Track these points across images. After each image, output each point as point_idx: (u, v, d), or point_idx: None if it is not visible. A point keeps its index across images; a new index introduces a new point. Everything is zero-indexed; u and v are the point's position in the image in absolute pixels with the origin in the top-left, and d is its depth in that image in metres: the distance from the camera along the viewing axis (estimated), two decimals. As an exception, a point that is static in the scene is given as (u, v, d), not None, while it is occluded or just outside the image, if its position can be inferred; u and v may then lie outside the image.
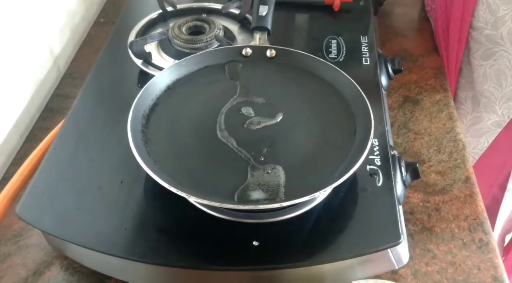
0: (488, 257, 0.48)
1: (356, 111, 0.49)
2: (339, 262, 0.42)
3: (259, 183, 0.43)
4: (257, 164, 0.45)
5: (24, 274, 0.48)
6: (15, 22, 0.62)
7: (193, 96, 0.52)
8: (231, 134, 0.48)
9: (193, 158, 0.46)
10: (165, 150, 0.46)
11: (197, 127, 0.49)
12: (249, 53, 0.56)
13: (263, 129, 0.49)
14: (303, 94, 0.51)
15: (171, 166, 0.45)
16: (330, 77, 0.52)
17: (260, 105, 0.51)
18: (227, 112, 0.50)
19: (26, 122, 0.64)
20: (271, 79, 0.54)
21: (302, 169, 0.45)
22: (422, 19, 0.81)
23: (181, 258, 0.42)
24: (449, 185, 0.55)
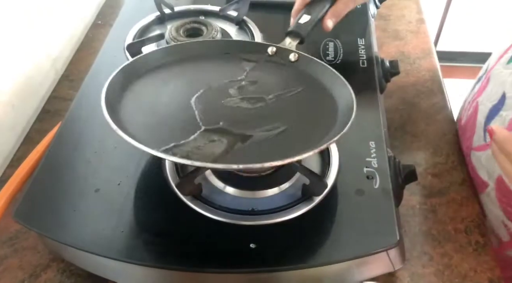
0: (484, 259, 0.48)
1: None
2: (336, 264, 0.42)
3: (197, 147, 0.41)
4: (206, 130, 0.43)
5: (20, 277, 0.48)
6: (12, 24, 0.62)
7: (195, 71, 0.52)
8: (202, 102, 0.47)
9: (156, 115, 0.45)
10: (137, 105, 0.46)
11: (177, 92, 0.49)
12: (273, 52, 0.55)
13: (236, 108, 0.47)
14: (300, 102, 0.50)
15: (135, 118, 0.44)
16: (338, 92, 0.50)
17: (250, 92, 0.50)
18: (214, 87, 0.50)
19: (23, 124, 0.64)
20: (279, 80, 0.53)
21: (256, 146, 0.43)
22: (419, 22, 0.82)
23: (178, 260, 0.42)
24: (445, 187, 0.55)
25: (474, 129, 0.55)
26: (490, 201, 0.53)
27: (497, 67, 0.53)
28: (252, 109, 0.47)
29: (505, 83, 0.49)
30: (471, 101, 0.58)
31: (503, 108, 0.49)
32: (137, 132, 0.41)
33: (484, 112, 0.53)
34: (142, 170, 0.48)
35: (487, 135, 0.51)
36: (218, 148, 0.41)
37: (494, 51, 0.58)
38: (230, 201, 0.46)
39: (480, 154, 0.53)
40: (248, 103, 0.48)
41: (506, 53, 0.52)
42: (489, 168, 0.52)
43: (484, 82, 0.56)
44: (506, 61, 0.51)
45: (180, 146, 0.41)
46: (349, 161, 0.48)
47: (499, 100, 0.50)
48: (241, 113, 0.47)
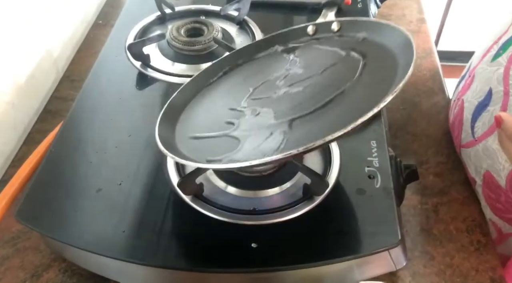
0: (486, 259, 0.48)
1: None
2: (337, 264, 0.42)
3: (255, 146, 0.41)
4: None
5: (22, 277, 0.48)
6: (13, 25, 0.62)
7: (238, 82, 0.52)
8: (251, 104, 0.47)
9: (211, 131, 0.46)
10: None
11: (226, 104, 0.49)
12: (314, 31, 0.53)
13: (286, 96, 0.46)
14: (351, 67, 0.46)
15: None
16: (389, 40, 0.46)
17: (298, 76, 0.48)
18: (260, 87, 0.49)
19: (24, 124, 0.64)
20: (325, 54, 0.50)
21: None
22: (420, 22, 0.82)
23: (180, 260, 0.42)
24: (447, 186, 0.55)
25: (462, 126, 0.55)
26: (478, 198, 0.53)
27: (481, 66, 0.53)
28: (302, 91, 0.46)
29: (491, 80, 0.50)
30: (456, 100, 0.59)
31: (490, 104, 0.49)
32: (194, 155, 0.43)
33: (470, 109, 0.53)
34: (143, 170, 0.48)
35: (475, 131, 0.52)
36: (274, 143, 0.41)
37: (477, 50, 0.59)
38: (231, 201, 0.46)
39: (469, 151, 0.53)
40: (298, 87, 0.46)
41: (489, 52, 0.52)
42: (476, 164, 0.52)
43: (468, 81, 0.56)
44: (490, 59, 0.51)
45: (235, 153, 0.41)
46: (350, 160, 0.48)
47: (485, 96, 0.50)
48: (293, 99, 0.45)
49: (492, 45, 0.52)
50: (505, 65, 0.48)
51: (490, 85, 0.50)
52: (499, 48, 0.50)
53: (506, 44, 0.49)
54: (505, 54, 0.48)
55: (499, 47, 0.51)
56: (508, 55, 0.48)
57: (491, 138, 0.49)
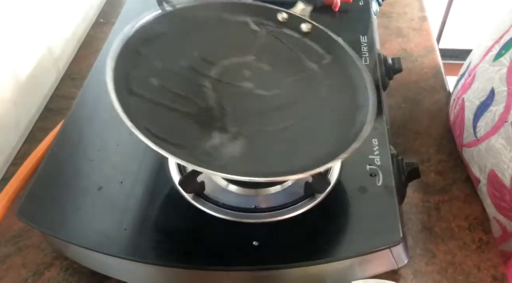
0: (488, 257, 0.48)
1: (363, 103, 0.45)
2: (339, 262, 0.42)
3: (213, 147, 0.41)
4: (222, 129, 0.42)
5: (24, 275, 0.48)
6: (13, 23, 0.62)
7: (202, 42, 0.49)
8: (217, 89, 0.45)
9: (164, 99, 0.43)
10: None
11: (187, 71, 0.46)
12: (285, 19, 0.52)
13: (252, 96, 0.46)
14: (316, 90, 0.48)
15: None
16: (351, 71, 0.49)
17: (265, 75, 0.48)
18: (227, 67, 0.47)
19: (25, 122, 0.64)
20: (292, 58, 0.50)
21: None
22: (421, 19, 0.81)
23: (181, 258, 0.42)
24: (449, 184, 0.55)
25: (463, 126, 0.55)
26: (482, 197, 0.53)
27: (482, 65, 0.53)
28: (268, 96, 0.46)
29: (493, 80, 0.50)
30: (456, 99, 0.59)
31: (493, 103, 0.49)
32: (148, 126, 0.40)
33: (472, 109, 0.53)
34: (145, 168, 0.48)
35: (477, 131, 0.52)
36: (234, 149, 0.41)
37: (475, 48, 0.59)
38: (233, 199, 0.46)
39: (471, 150, 0.53)
40: (264, 91, 0.46)
41: (490, 51, 0.52)
42: (480, 163, 0.52)
43: (469, 80, 0.56)
44: (492, 59, 0.51)
45: (196, 148, 0.40)
46: (351, 158, 0.48)
47: (487, 96, 0.50)
48: (257, 103, 0.45)
49: (493, 45, 0.52)
50: (508, 65, 0.48)
51: (493, 85, 0.49)
52: (501, 48, 0.50)
53: (508, 44, 0.49)
54: (508, 54, 0.48)
55: (500, 47, 0.50)
56: (510, 56, 0.47)
57: (494, 137, 0.49)
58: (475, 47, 0.59)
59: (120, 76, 0.42)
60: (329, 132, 0.44)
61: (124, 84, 0.42)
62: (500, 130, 0.48)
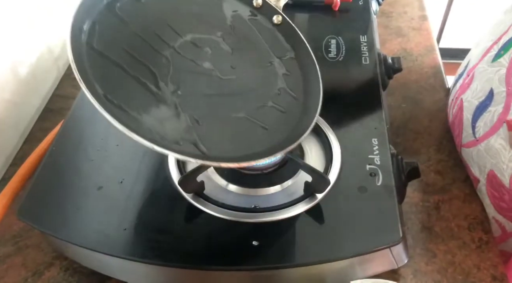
0: (487, 256, 0.48)
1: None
2: (338, 262, 0.42)
3: (160, 120, 0.39)
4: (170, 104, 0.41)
5: (24, 275, 0.48)
6: (13, 23, 0.62)
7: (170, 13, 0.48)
8: (174, 62, 0.44)
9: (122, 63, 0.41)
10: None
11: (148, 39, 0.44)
12: (259, 6, 0.52)
13: (206, 78, 0.45)
14: (271, 80, 0.48)
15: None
16: (309, 73, 0.50)
17: (224, 57, 0.47)
18: (190, 40, 0.47)
19: (25, 123, 0.65)
20: (256, 47, 0.50)
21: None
22: (421, 19, 0.81)
23: (181, 258, 0.42)
24: (448, 184, 0.55)
25: (462, 126, 0.55)
26: (481, 197, 0.53)
27: (481, 66, 0.53)
28: (223, 80, 0.45)
29: (492, 80, 0.50)
30: (454, 99, 0.59)
31: (492, 104, 0.49)
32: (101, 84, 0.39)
33: (471, 109, 0.53)
34: (145, 168, 0.48)
35: (476, 131, 0.52)
36: (179, 125, 0.40)
37: (474, 48, 0.59)
38: (233, 199, 0.46)
39: (470, 150, 0.53)
40: (220, 73, 0.46)
41: (489, 52, 0.52)
42: (480, 163, 0.52)
43: (467, 80, 0.56)
44: (491, 59, 0.51)
45: (139, 117, 0.39)
46: (351, 158, 0.48)
47: (486, 96, 0.50)
48: (211, 85, 0.45)
49: (492, 46, 0.52)
50: (507, 66, 0.48)
51: (492, 86, 0.49)
52: (500, 48, 0.50)
53: (507, 44, 0.49)
54: (507, 55, 0.48)
55: (499, 47, 0.50)
56: (510, 56, 0.47)
57: (493, 138, 0.49)
58: (473, 47, 0.59)
59: (81, 27, 0.41)
60: (276, 127, 0.44)
61: (85, 37, 0.41)
62: (499, 130, 0.48)
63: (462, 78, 0.58)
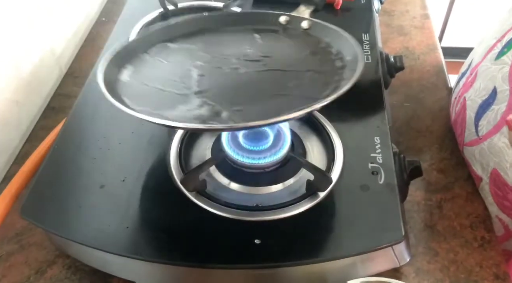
0: (490, 255, 0.48)
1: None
2: (340, 260, 0.42)
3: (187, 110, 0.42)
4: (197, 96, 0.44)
5: (26, 273, 0.48)
6: (15, 22, 0.62)
7: (202, 46, 0.51)
8: (202, 70, 0.47)
9: (154, 85, 0.46)
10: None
11: (178, 64, 0.49)
12: (286, 22, 0.54)
13: (233, 72, 0.47)
14: (303, 63, 0.49)
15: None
16: (348, 52, 0.49)
17: (252, 56, 0.49)
18: (218, 57, 0.49)
19: (28, 121, 0.65)
20: (286, 46, 0.51)
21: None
22: (423, 17, 0.81)
23: (183, 256, 0.42)
24: (451, 182, 0.55)
25: (464, 125, 0.55)
26: (484, 196, 0.53)
27: (484, 64, 0.53)
28: (249, 74, 0.46)
29: (495, 79, 0.49)
30: (457, 97, 0.58)
31: (495, 102, 0.49)
32: (132, 101, 0.42)
33: (474, 107, 0.53)
34: (147, 166, 0.49)
35: (479, 130, 0.51)
36: (206, 112, 0.41)
37: (477, 47, 0.59)
38: (235, 197, 0.46)
39: (473, 149, 0.53)
40: (246, 67, 0.47)
41: (492, 50, 0.52)
42: (483, 162, 0.52)
43: (470, 78, 0.56)
44: (494, 57, 0.51)
45: (167, 111, 0.41)
46: (353, 156, 0.48)
47: (489, 95, 0.50)
48: (235, 82, 0.46)
49: (496, 43, 0.52)
50: (510, 64, 0.47)
51: (495, 84, 0.49)
52: (503, 46, 0.50)
53: (511, 42, 0.49)
54: (510, 52, 0.48)
55: (503, 45, 0.50)
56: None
57: (496, 136, 0.49)
58: (477, 45, 0.59)
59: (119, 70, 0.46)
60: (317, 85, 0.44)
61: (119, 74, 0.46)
62: (502, 129, 0.47)
63: (465, 76, 0.58)
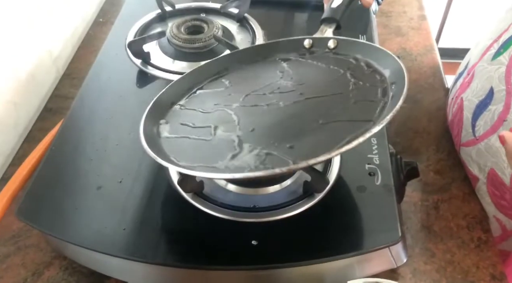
0: (486, 256, 0.48)
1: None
2: (337, 261, 0.42)
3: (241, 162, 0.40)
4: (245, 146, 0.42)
5: (23, 275, 0.48)
6: (13, 23, 0.62)
7: (232, 85, 0.51)
8: (240, 114, 0.46)
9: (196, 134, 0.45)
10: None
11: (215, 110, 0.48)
12: (310, 45, 0.53)
13: (273, 111, 0.45)
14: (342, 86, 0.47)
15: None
16: (385, 65, 0.48)
17: (288, 89, 0.48)
18: (252, 95, 0.49)
19: (25, 122, 0.64)
20: (318, 69, 0.50)
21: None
22: (421, 18, 0.81)
23: (180, 257, 0.42)
24: (447, 183, 0.55)
25: (461, 125, 0.55)
26: (481, 196, 0.53)
27: (481, 64, 0.53)
28: (290, 107, 0.45)
29: (492, 79, 0.50)
30: (454, 98, 0.59)
31: (492, 103, 0.49)
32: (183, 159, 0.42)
33: (470, 108, 0.53)
34: (144, 168, 0.49)
35: (476, 130, 0.52)
36: (252, 159, 0.40)
37: (474, 47, 0.59)
38: (232, 198, 0.46)
39: (470, 149, 0.53)
40: (283, 100, 0.46)
41: (488, 50, 0.52)
42: (480, 162, 0.52)
43: (467, 79, 0.56)
44: (491, 58, 0.51)
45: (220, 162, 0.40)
46: (350, 157, 0.48)
47: (486, 95, 0.50)
48: (277, 117, 0.44)
49: (492, 44, 0.52)
50: (507, 64, 0.48)
51: (492, 84, 0.49)
52: (500, 46, 0.50)
53: (507, 43, 0.49)
54: (506, 53, 0.48)
55: (499, 45, 0.50)
56: (509, 54, 0.47)
57: (493, 137, 0.49)
58: (473, 46, 0.59)
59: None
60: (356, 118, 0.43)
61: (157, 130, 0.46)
62: (499, 129, 0.48)
63: (462, 77, 0.58)
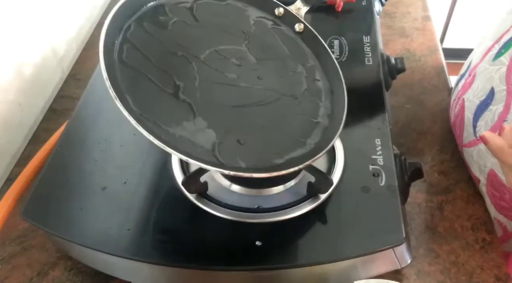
0: (491, 257, 0.48)
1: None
2: (341, 262, 0.42)
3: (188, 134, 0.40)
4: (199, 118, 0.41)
5: (29, 275, 0.48)
6: (18, 24, 0.63)
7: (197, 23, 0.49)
8: (201, 76, 0.44)
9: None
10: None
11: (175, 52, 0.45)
12: (281, 14, 0.53)
13: (233, 90, 0.45)
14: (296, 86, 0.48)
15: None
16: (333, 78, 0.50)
17: (250, 68, 0.48)
18: (217, 52, 0.47)
19: (30, 123, 0.65)
20: (281, 50, 0.51)
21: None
22: (425, 19, 0.81)
23: (185, 258, 0.42)
24: (452, 184, 0.55)
25: (463, 126, 0.55)
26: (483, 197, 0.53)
27: (482, 65, 0.53)
28: (247, 92, 0.46)
29: (493, 79, 0.49)
30: (456, 99, 0.59)
31: (492, 103, 0.49)
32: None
33: (472, 108, 0.53)
34: (148, 168, 0.49)
35: (477, 131, 0.52)
36: (207, 141, 0.40)
37: (476, 48, 0.59)
38: (236, 199, 0.46)
39: (471, 150, 0.53)
40: (245, 83, 0.46)
41: (490, 51, 0.52)
42: (480, 163, 0.52)
43: (469, 80, 0.56)
44: (492, 58, 0.51)
45: (175, 127, 0.40)
46: (354, 158, 0.48)
47: (487, 95, 0.50)
48: (233, 100, 0.44)
49: (493, 45, 0.52)
50: (508, 64, 0.48)
51: (492, 85, 0.49)
52: (501, 47, 0.50)
53: (508, 43, 0.49)
54: (507, 53, 0.48)
55: (500, 46, 0.50)
56: (510, 55, 0.47)
57: None
58: (476, 47, 0.59)
59: (114, 42, 0.42)
60: (303, 134, 0.44)
61: (116, 52, 0.42)
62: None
63: (464, 78, 0.58)
